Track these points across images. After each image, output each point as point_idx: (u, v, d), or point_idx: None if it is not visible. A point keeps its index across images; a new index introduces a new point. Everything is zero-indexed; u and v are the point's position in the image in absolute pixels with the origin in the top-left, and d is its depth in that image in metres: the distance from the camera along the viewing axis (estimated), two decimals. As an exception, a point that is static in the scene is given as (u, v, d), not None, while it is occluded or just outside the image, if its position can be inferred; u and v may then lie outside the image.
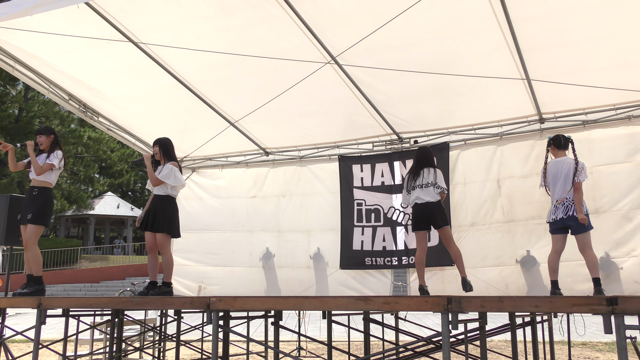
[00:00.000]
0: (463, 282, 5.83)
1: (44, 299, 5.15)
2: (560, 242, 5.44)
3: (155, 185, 5.59)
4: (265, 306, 4.79)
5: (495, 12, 4.92)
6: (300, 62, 5.81)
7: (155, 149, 5.77)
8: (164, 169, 5.62)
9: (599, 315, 3.35)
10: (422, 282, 5.90)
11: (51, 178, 5.74)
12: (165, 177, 5.55)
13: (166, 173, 5.57)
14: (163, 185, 5.60)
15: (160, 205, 5.61)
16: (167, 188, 5.62)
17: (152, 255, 5.66)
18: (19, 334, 5.80)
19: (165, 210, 5.60)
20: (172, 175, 5.57)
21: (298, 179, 8.21)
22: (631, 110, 6.19)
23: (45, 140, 5.80)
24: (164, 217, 5.55)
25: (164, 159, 5.70)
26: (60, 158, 5.77)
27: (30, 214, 5.56)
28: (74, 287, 23.81)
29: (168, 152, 5.76)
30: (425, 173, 5.92)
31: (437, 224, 5.86)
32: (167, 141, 5.83)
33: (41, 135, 5.83)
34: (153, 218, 5.59)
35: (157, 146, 5.77)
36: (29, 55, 6.10)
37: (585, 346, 9.23)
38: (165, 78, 6.40)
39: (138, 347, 7.24)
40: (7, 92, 26.73)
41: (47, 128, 5.97)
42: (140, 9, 5.29)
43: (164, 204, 5.62)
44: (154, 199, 5.71)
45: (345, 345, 7.59)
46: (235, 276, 8.23)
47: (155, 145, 5.80)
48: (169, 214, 5.60)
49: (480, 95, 6.36)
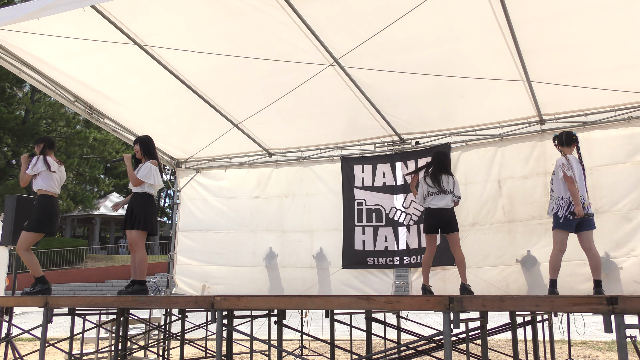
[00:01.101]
0: (462, 287, 5.83)
1: (50, 298, 5.20)
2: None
3: (135, 185, 5.58)
4: (269, 305, 4.83)
5: (496, 14, 4.95)
6: (303, 64, 5.85)
7: (136, 147, 5.77)
8: (143, 168, 5.61)
9: (599, 314, 3.37)
10: (425, 282, 5.98)
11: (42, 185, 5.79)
12: (144, 177, 5.54)
13: (145, 173, 5.56)
14: (140, 184, 5.60)
15: (137, 202, 5.59)
16: (144, 186, 5.60)
17: (133, 253, 5.61)
18: (26, 332, 5.89)
19: (141, 207, 5.57)
20: (151, 175, 5.56)
21: (301, 180, 8.26)
22: (630, 112, 6.23)
23: (37, 149, 5.94)
24: (139, 214, 5.51)
25: (145, 157, 5.71)
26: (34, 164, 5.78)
27: (27, 221, 5.75)
28: (79, 286, 23.92)
29: (148, 150, 5.76)
30: (445, 180, 6.00)
31: (448, 230, 5.96)
32: (147, 139, 5.84)
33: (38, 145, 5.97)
34: (130, 216, 5.57)
35: (138, 145, 5.78)
36: (35, 58, 6.15)
37: (585, 345, 9.25)
38: (170, 80, 6.44)
39: (143, 346, 7.31)
40: (14, 94, 26.90)
41: (43, 138, 6.09)
42: (145, 13, 5.33)
43: (140, 201, 5.60)
44: (132, 197, 5.70)
45: (348, 344, 7.65)
46: (239, 276, 8.26)
47: (136, 143, 5.81)
48: (144, 211, 5.56)
49: (481, 97, 6.40)
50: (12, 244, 6.80)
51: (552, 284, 5.34)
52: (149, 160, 5.65)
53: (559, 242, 5.31)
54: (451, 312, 3.63)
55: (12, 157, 24.77)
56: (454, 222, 5.99)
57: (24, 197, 6.92)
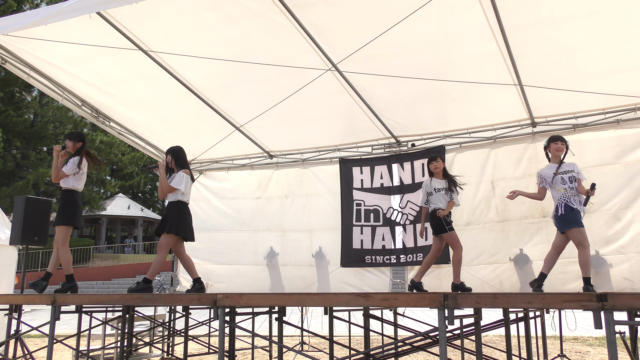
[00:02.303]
0: (453, 286, 5.80)
1: (58, 296, 5.30)
2: None
3: (167, 192, 5.70)
4: (270, 303, 4.89)
5: (489, 21, 5.06)
6: (302, 69, 5.95)
7: (168, 158, 5.87)
8: (176, 176, 5.74)
9: (589, 311, 3.44)
10: (417, 278, 5.97)
11: (73, 184, 5.86)
12: (176, 185, 5.67)
13: (177, 181, 5.70)
14: (174, 192, 5.73)
15: (170, 210, 5.74)
16: (177, 194, 5.72)
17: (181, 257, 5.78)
18: (35, 329, 5.97)
19: (174, 214, 5.69)
20: (183, 183, 5.69)
21: (301, 181, 8.38)
22: (619, 114, 6.35)
23: (71, 146, 5.94)
24: (170, 220, 5.65)
25: (177, 167, 5.82)
26: (72, 165, 5.84)
27: (58, 216, 5.78)
28: (86, 285, 24.04)
29: (179, 160, 5.87)
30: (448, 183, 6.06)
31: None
32: (178, 150, 5.94)
33: (69, 140, 5.96)
34: (162, 222, 5.75)
35: (170, 155, 5.88)
36: (43, 63, 6.26)
37: (577, 341, 9.32)
38: (173, 85, 6.55)
39: (148, 342, 7.40)
40: (23, 99, 27.08)
41: (75, 134, 6.05)
42: (149, 19, 5.41)
43: (173, 208, 5.74)
44: (167, 205, 5.85)
45: (346, 340, 7.74)
46: (240, 274, 8.37)
47: (167, 154, 5.91)
48: (176, 218, 5.68)
49: (475, 100, 6.50)
50: (21, 243, 6.86)
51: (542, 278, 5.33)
52: (182, 170, 5.78)
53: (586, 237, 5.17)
54: (446, 309, 3.70)
55: (21, 160, 24.94)
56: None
57: (33, 199, 7.01)
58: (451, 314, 3.73)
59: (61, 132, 28.19)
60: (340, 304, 4.29)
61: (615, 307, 3.32)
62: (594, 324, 3.42)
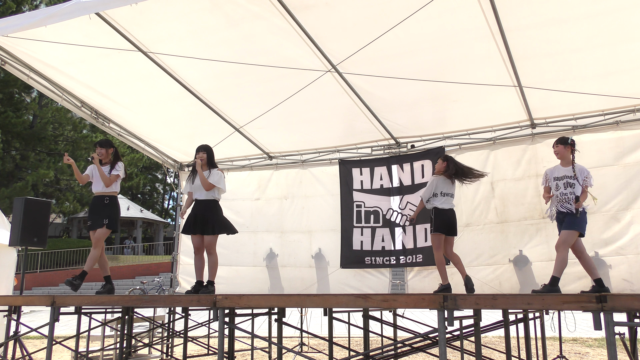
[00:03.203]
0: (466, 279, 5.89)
1: (57, 298, 5.28)
2: None
3: (208, 189, 5.77)
4: (269, 304, 4.92)
5: (488, 22, 5.07)
6: (302, 70, 5.96)
7: (203, 155, 5.91)
8: (214, 173, 5.83)
9: (588, 312, 3.43)
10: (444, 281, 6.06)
11: (117, 187, 6.09)
12: (217, 182, 5.78)
13: (218, 179, 5.80)
14: (211, 190, 5.80)
15: (209, 209, 5.80)
16: (214, 192, 5.82)
17: (199, 256, 5.88)
18: (34, 330, 5.96)
19: (214, 213, 5.82)
20: (222, 181, 5.83)
21: (300, 182, 8.38)
22: (619, 116, 6.36)
23: (105, 153, 6.10)
24: (214, 219, 5.75)
25: (208, 166, 5.90)
26: (123, 169, 6.09)
27: (106, 219, 5.92)
28: (86, 286, 23.95)
29: (211, 159, 5.98)
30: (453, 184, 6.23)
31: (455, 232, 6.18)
32: (211, 148, 6.05)
33: (102, 148, 6.12)
34: (203, 222, 5.75)
35: (204, 152, 5.93)
36: (43, 64, 6.26)
37: (576, 342, 9.33)
38: (173, 86, 6.55)
39: (147, 343, 7.36)
40: (22, 100, 27.10)
41: (108, 141, 6.25)
42: (149, 20, 5.42)
43: (213, 207, 5.83)
44: (200, 204, 5.85)
45: (346, 341, 7.72)
46: (240, 275, 8.37)
47: (202, 151, 5.94)
48: (219, 216, 5.84)
49: (474, 102, 6.51)
50: (20, 245, 6.87)
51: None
52: (214, 168, 5.90)
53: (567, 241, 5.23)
54: (445, 310, 3.71)
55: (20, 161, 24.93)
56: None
57: (32, 200, 7.02)
58: (451, 315, 3.74)
59: (60, 134, 28.22)
60: (340, 305, 4.30)
61: (614, 308, 3.32)
62: (594, 325, 3.41)
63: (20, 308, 6.39)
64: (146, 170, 42.78)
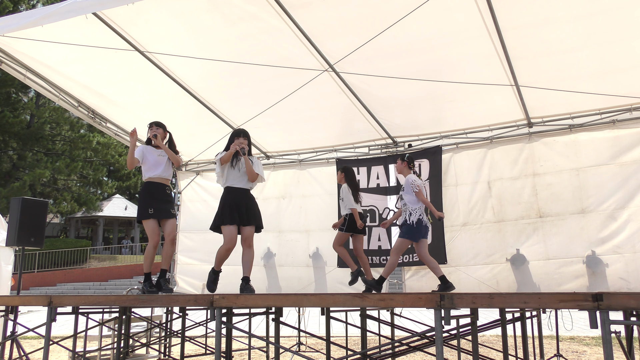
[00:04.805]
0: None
1: (54, 297, 5.24)
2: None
3: (254, 180, 5.36)
4: (267, 303, 4.95)
5: (485, 21, 5.08)
6: (299, 70, 5.96)
7: (245, 141, 5.35)
8: (257, 164, 5.39)
9: (585, 310, 3.39)
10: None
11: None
12: (261, 173, 5.41)
13: (260, 169, 5.40)
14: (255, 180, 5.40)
15: (251, 199, 5.42)
16: (253, 182, 5.44)
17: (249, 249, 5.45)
18: (31, 330, 5.94)
19: (256, 204, 5.48)
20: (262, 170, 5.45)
21: (297, 182, 8.38)
22: (615, 115, 6.38)
23: (162, 134, 5.61)
24: (257, 211, 5.41)
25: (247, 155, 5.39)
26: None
27: (173, 210, 5.58)
28: (83, 286, 24.06)
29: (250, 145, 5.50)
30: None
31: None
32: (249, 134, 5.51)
33: (159, 127, 5.62)
34: (247, 212, 5.30)
35: (246, 138, 5.38)
36: (40, 64, 6.26)
37: (573, 340, 9.35)
38: (170, 85, 6.56)
39: (145, 343, 7.37)
40: (20, 99, 27.08)
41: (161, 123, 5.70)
42: (146, 20, 5.43)
43: (253, 198, 5.46)
44: (243, 193, 5.35)
45: (343, 340, 7.74)
46: (237, 275, 8.16)
47: (244, 136, 5.39)
48: (258, 208, 5.50)
49: (471, 101, 6.52)
50: (17, 245, 6.86)
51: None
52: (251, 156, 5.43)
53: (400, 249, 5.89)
54: (442, 309, 3.68)
55: (18, 161, 24.89)
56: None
57: (30, 200, 7.01)
58: (447, 314, 3.73)
59: (58, 133, 28.20)
60: (337, 304, 4.28)
61: (610, 306, 3.27)
62: (590, 324, 3.38)
63: (17, 308, 6.39)
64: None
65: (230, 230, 5.27)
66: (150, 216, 5.41)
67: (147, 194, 5.50)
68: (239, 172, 5.36)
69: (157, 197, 5.46)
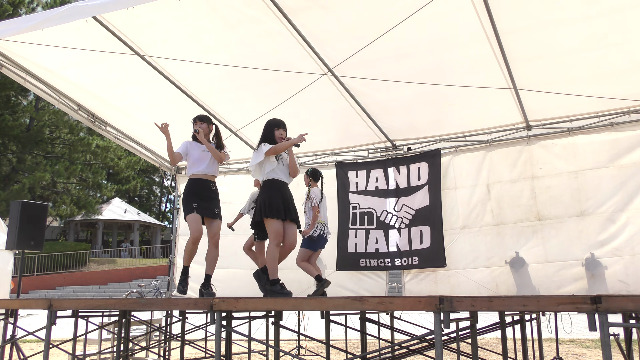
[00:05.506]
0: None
1: (54, 301, 5.22)
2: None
3: (296, 176, 5.22)
4: (266, 307, 4.90)
5: (483, 25, 5.10)
6: (298, 73, 5.96)
7: (284, 133, 5.19)
8: (292, 157, 5.16)
9: (584, 313, 3.39)
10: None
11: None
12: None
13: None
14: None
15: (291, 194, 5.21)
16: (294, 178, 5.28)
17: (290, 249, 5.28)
18: (31, 334, 5.91)
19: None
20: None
21: (297, 185, 8.31)
22: (614, 117, 6.39)
23: (206, 129, 5.40)
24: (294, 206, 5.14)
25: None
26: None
27: (218, 209, 5.38)
28: (82, 289, 24.04)
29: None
30: None
31: None
32: None
33: (203, 122, 5.43)
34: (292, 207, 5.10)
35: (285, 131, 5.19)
36: (39, 68, 6.25)
37: (573, 343, 9.36)
38: (170, 89, 6.56)
39: (144, 347, 7.36)
40: (19, 103, 27.17)
41: (208, 116, 5.56)
42: (146, 24, 5.43)
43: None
44: (285, 187, 5.15)
45: (343, 344, 7.73)
46: (237, 278, 8.34)
47: (284, 129, 5.21)
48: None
49: (470, 104, 6.53)
50: (17, 248, 6.85)
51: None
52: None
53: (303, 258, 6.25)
54: (442, 313, 3.66)
55: (17, 164, 24.90)
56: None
57: (29, 203, 7.00)
58: (447, 317, 3.71)
59: (57, 136, 28.24)
60: (337, 307, 4.27)
61: (609, 309, 3.26)
62: (589, 326, 3.37)
63: (17, 311, 6.36)
64: (143, 173, 42.76)
65: (278, 226, 4.99)
66: (193, 210, 5.21)
67: (189, 190, 5.31)
68: (283, 165, 5.15)
69: (199, 194, 5.27)
